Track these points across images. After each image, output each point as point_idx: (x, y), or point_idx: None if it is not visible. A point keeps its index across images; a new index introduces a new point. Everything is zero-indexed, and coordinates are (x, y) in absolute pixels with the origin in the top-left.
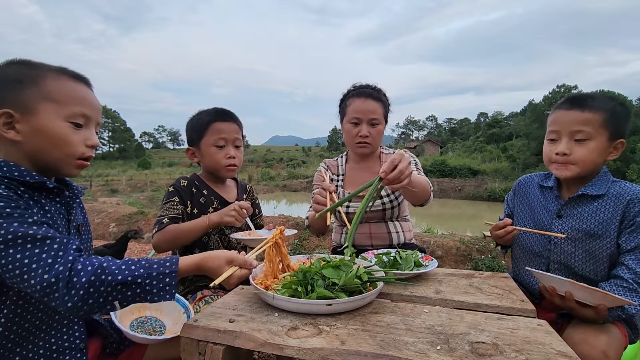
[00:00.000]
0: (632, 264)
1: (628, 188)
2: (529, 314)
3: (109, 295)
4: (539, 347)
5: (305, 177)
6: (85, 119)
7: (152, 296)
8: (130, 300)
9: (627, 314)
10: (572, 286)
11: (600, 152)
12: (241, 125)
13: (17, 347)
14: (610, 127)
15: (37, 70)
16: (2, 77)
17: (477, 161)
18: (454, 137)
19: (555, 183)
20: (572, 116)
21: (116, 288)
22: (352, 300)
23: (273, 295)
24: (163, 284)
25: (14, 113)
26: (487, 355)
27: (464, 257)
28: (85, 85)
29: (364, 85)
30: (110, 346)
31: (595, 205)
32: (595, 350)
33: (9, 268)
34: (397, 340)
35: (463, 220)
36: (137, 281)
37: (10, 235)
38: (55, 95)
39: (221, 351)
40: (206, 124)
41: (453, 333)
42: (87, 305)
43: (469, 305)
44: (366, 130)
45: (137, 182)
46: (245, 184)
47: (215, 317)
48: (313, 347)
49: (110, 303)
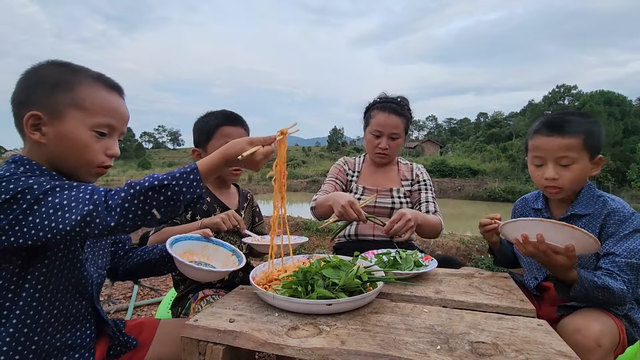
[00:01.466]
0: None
1: (608, 204)
2: (529, 314)
3: (144, 203)
4: (538, 347)
5: (305, 177)
6: (110, 129)
7: (184, 194)
8: (165, 204)
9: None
10: (541, 224)
11: (584, 171)
12: (248, 130)
13: (31, 343)
14: (589, 147)
15: (74, 75)
16: (40, 77)
17: (477, 161)
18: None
19: (543, 204)
20: (555, 143)
21: (147, 194)
22: (352, 300)
23: (273, 295)
24: (189, 180)
25: (43, 116)
26: (487, 355)
27: (464, 257)
28: (118, 95)
29: (390, 99)
30: (115, 348)
31: (583, 222)
32: (588, 339)
33: (49, 213)
34: (397, 340)
35: (463, 220)
36: (164, 183)
37: (49, 185)
38: (86, 104)
39: (221, 351)
40: (214, 127)
41: (453, 333)
42: (129, 220)
43: (469, 305)
44: (386, 143)
45: None
46: (247, 193)
47: (215, 317)
48: (313, 347)
49: (149, 212)
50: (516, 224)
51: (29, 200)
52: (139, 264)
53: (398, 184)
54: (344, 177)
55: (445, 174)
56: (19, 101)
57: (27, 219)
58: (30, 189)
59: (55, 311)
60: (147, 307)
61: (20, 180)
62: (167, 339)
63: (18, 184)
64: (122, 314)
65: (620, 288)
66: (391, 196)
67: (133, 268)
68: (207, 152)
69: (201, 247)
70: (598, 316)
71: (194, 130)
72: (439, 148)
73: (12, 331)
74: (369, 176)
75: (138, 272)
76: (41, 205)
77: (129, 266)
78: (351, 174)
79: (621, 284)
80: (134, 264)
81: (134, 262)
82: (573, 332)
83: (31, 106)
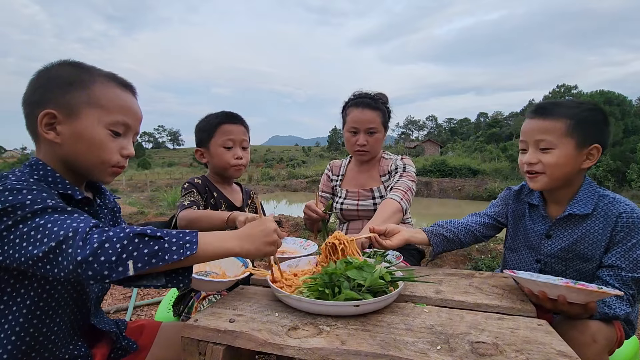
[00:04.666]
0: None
1: (615, 206)
2: (529, 314)
3: (123, 249)
4: (539, 347)
5: (305, 177)
6: (125, 128)
7: (170, 253)
8: (146, 258)
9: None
10: (567, 290)
11: (568, 161)
12: (248, 128)
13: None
14: (576, 134)
15: (88, 74)
16: (54, 77)
17: (477, 161)
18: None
19: (540, 200)
20: (535, 125)
21: (132, 240)
22: (378, 300)
23: (299, 297)
24: (183, 241)
25: (58, 115)
26: (487, 355)
27: (464, 257)
28: (131, 94)
29: (362, 95)
30: (116, 352)
31: (584, 227)
32: (584, 335)
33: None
34: (397, 340)
35: None
36: (155, 235)
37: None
38: (101, 102)
39: (221, 351)
40: (215, 125)
41: (453, 333)
42: (97, 262)
43: (469, 305)
44: (363, 139)
45: (137, 182)
46: (249, 190)
47: (215, 317)
48: (313, 347)
49: (123, 261)
50: (531, 282)
51: (15, 218)
52: None
53: (378, 181)
54: (328, 186)
55: (446, 174)
56: (32, 101)
57: (9, 238)
58: (20, 207)
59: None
60: (147, 307)
61: (19, 195)
62: (167, 343)
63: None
64: (122, 314)
65: (625, 312)
66: (372, 197)
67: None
68: (210, 150)
69: None
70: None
71: (195, 132)
72: (439, 148)
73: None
74: (351, 178)
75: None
76: (26, 224)
77: None
78: (335, 179)
79: (626, 305)
80: None
81: None
82: (569, 328)
83: (45, 105)
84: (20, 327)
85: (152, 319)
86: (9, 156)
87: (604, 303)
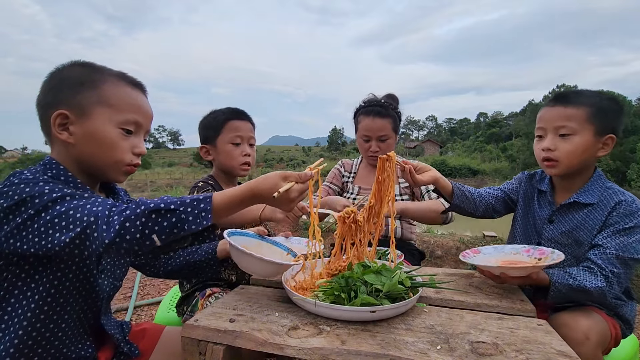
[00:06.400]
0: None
1: (617, 195)
2: (528, 314)
3: (144, 226)
4: (539, 347)
5: None
6: (136, 126)
7: (189, 223)
8: (167, 230)
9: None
10: (504, 269)
11: (586, 148)
12: (254, 125)
13: (33, 355)
14: (596, 122)
15: (99, 74)
16: (65, 78)
17: (477, 161)
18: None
19: (549, 187)
20: (556, 112)
21: (150, 216)
22: (396, 306)
23: (315, 302)
24: (198, 209)
25: (70, 115)
26: (487, 355)
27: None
28: (141, 92)
29: (373, 102)
30: (118, 356)
31: (585, 213)
32: (576, 332)
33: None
34: (397, 339)
35: (463, 220)
36: (170, 207)
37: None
38: (112, 101)
39: (222, 351)
40: (223, 121)
41: (453, 333)
42: (125, 241)
43: (469, 305)
44: (376, 146)
45: (137, 182)
46: None
47: (215, 316)
48: (313, 347)
49: (148, 237)
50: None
51: (36, 207)
52: (182, 265)
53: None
54: (339, 180)
55: (446, 174)
56: (45, 103)
57: (32, 227)
58: (39, 196)
59: (61, 323)
60: (147, 307)
61: (36, 186)
62: (168, 349)
63: (27, 190)
64: (122, 314)
65: (597, 286)
66: None
67: (175, 269)
68: (216, 147)
69: (256, 244)
70: (587, 313)
71: (200, 128)
72: (439, 148)
73: (17, 342)
74: (365, 176)
75: (180, 273)
76: (47, 213)
77: (172, 267)
78: (347, 176)
79: (601, 280)
80: (176, 264)
81: (176, 263)
82: (561, 326)
83: (58, 106)
84: (27, 322)
85: (155, 323)
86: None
87: (567, 273)
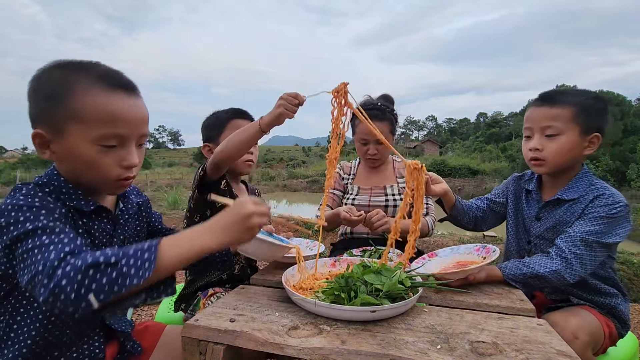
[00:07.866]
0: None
1: (598, 190)
2: (528, 314)
3: (79, 284)
4: (538, 347)
5: (306, 177)
6: (119, 139)
7: (130, 278)
8: (106, 288)
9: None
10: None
11: (572, 147)
12: None
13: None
14: (581, 122)
15: (66, 82)
16: (38, 89)
17: (477, 161)
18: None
19: (536, 186)
20: (542, 112)
21: (87, 273)
22: (396, 306)
23: (315, 302)
24: (141, 260)
25: (46, 134)
26: (487, 355)
27: None
28: (125, 95)
29: (369, 106)
30: (122, 354)
31: (566, 207)
32: (564, 331)
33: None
34: (397, 339)
35: None
36: (110, 261)
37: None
38: (83, 115)
39: (222, 351)
40: (226, 120)
41: (453, 332)
42: (58, 301)
43: (469, 305)
44: (374, 149)
45: (138, 182)
46: (254, 188)
47: (216, 316)
48: (314, 347)
49: (83, 296)
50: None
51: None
52: None
53: (393, 180)
54: (340, 184)
55: (445, 174)
56: (30, 118)
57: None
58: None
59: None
60: (147, 306)
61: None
62: (169, 347)
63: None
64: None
65: (552, 270)
66: (385, 193)
67: None
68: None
69: None
70: (577, 312)
71: (203, 128)
72: (438, 148)
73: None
74: (363, 177)
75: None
76: (21, 244)
77: None
78: (346, 177)
79: (557, 262)
80: None
81: None
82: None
83: (35, 124)
84: (36, 332)
85: (157, 322)
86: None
87: (521, 263)
